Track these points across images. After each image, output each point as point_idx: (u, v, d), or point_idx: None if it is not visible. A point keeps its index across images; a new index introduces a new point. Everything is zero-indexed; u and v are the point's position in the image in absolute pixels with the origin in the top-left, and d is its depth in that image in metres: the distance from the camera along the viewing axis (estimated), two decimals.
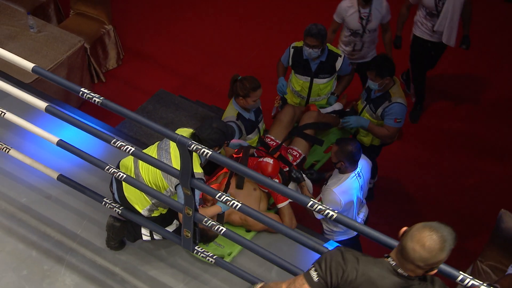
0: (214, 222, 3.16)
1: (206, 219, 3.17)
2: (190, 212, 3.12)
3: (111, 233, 3.64)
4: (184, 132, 3.45)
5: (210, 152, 2.80)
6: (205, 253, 3.34)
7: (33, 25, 5.57)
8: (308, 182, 3.99)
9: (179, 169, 2.99)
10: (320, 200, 3.72)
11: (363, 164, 3.75)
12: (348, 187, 3.62)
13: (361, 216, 3.94)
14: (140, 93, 6.11)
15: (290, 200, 3.78)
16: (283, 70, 4.72)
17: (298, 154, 4.23)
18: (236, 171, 2.80)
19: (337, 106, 4.69)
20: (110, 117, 4.84)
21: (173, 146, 3.35)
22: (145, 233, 3.62)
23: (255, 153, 4.19)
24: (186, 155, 2.88)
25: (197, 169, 3.24)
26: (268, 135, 4.37)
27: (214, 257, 3.31)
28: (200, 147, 2.81)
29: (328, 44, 4.57)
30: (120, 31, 6.71)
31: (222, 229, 3.12)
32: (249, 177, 2.79)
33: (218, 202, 3.48)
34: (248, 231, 3.82)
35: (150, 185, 3.34)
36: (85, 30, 6.14)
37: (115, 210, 3.53)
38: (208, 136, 3.32)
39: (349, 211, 3.71)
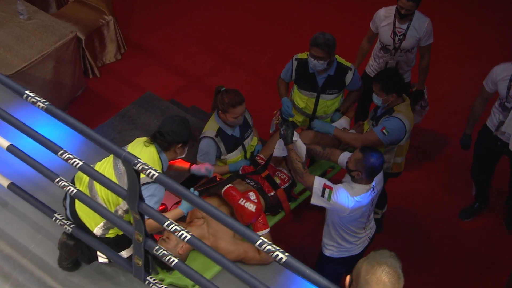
0: (166, 252, 3.06)
1: (157, 247, 3.07)
2: (141, 238, 3.01)
3: (64, 252, 3.54)
4: (141, 142, 3.38)
5: (157, 174, 2.70)
6: (157, 284, 3.23)
7: (23, 11, 5.55)
8: (299, 144, 3.92)
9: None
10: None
11: (378, 176, 3.72)
12: (364, 197, 3.61)
13: (367, 233, 3.95)
14: (136, 91, 6.01)
15: (268, 229, 3.76)
16: (285, 88, 4.60)
17: (286, 178, 4.12)
18: (191, 203, 2.69)
19: (343, 123, 4.52)
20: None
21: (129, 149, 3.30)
22: (101, 255, 3.53)
23: (240, 172, 4.11)
24: (132, 174, 2.78)
25: None
26: (260, 155, 4.29)
27: None
28: (146, 167, 2.71)
29: (337, 56, 4.42)
30: (123, 23, 6.72)
31: (173, 260, 3.01)
32: (209, 215, 2.69)
33: (181, 205, 3.45)
34: None
35: (103, 200, 3.25)
36: (82, 19, 6.11)
37: (66, 228, 3.45)
38: (170, 128, 3.29)
39: (354, 222, 3.72)
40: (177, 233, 2.81)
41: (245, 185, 4.01)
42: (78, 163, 2.99)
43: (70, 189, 3.19)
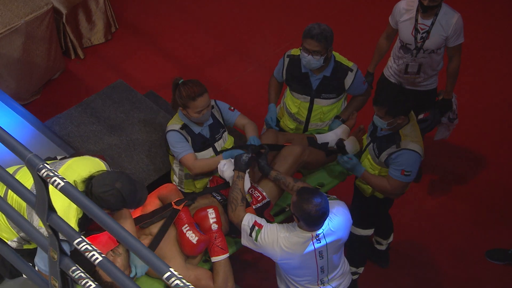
0: (82, 274, 2.92)
1: (73, 268, 2.93)
2: (55, 256, 2.88)
3: None
4: (87, 164, 3.30)
5: (63, 184, 2.55)
6: None
7: None
8: (247, 178, 3.89)
9: None
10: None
11: (336, 223, 3.57)
12: (296, 246, 3.52)
13: None
14: (122, 77, 5.92)
15: (227, 254, 3.68)
16: (276, 90, 4.53)
17: (260, 197, 3.94)
18: (105, 227, 2.55)
19: (340, 133, 4.36)
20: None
21: (66, 166, 3.27)
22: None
23: (208, 183, 4.08)
24: (38, 181, 2.65)
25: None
26: None
27: None
28: (52, 174, 2.57)
29: (336, 54, 4.27)
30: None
31: (90, 285, 2.87)
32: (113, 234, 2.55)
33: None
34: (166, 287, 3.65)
35: (13, 205, 3.15)
36: None
37: None
38: (101, 194, 3.17)
39: (296, 273, 3.63)
40: (87, 253, 2.66)
41: (210, 198, 3.91)
42: None
43: None
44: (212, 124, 4.09)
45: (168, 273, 2.34)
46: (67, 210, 3.15)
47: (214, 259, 3.65)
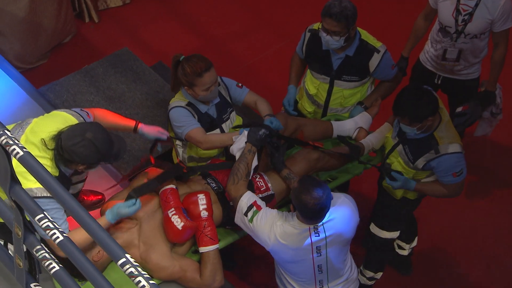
0: (46, 255, 2.93)
1: (38, 247, 2.95)
2: (20, 232, 2.90)
3: None
4: (55, 120, 3.31)
5: (22, 153, 2.57)
6: None
7: None
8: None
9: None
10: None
11: (340, 215, 3.54)
12: (290, 237, 3.50)
13: None
14: (137, 45, 5.92)
15: (217, 246, 3.64)
16: (297, 69, 4.49)
17: (264, 188, 3.90)
18: (59, 199, 2.55)
19: (360, 121, 4.29)
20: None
21: (32, 126, 3.31)
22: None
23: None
24: None
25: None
26: None
27: None
28: (11, 142, 2.59)
29: (363, 32, 4.17)
30: None
31: (53, 267, 2.88)
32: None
33: (108, 213, 3.42)
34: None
35: None
36: None
37: None
38: (72, 147, 3.20)
39: (291, 270, 3.64)
40: (48, 231, 2.68)
41: (203, 185, 3.85)
42: None
43: None
44: (219, 103, 4.05)
45: (123, 260, 2.36)
46: None
47: (202, 249, 3.61)
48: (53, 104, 4.43)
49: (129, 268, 2.34)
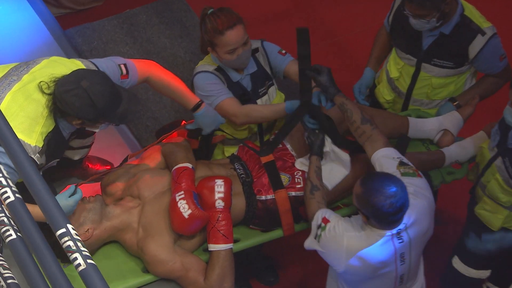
0: (5, 220, 2.89)
1: None
2: None
3: None
4: (67, 64, 3.38)
5: None
6: None
7: None
8: (333, 167, 3.87)
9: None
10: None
11: (419, 207, 3.44)
12: (369, 250, 3.44)
13: None
14: None
15: (231, 245, 3.64)
16: (382, 48, 4.40)
17: (302, 183, 3.90)
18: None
19: (445, 122, 4.17)
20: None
21: (40, 67, 3.38)
22: None
23: (237, 151, 4.02)
24: None
25: None
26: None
27: None
28: None
29: (465, 4, 3.99)
30: None
31: (9, 235, 2.78)
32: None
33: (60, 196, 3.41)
34: (146, 271, 3.69)
35: None
36: None
37: None
38: (63, 94, 3.22)
39: (363, 286, 3.59)
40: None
41: (228, 170, 3.85)
42: None
43: None
44: (255, 73, 3.99)
45: (63, 230, 2.34)
46: (36, 119, 3.27)
47: (211, 246, 3.58)
48: (79, 50, 4.45)
49: (67, 241, 2.33)
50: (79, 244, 2.30)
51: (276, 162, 3.91)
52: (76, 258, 2.28)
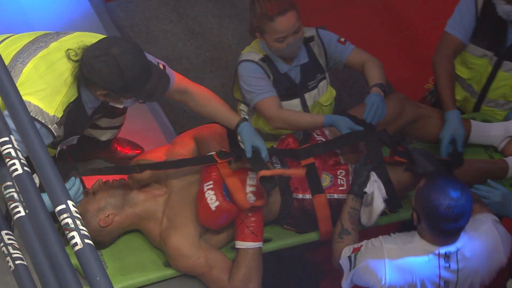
0: (15, 195, 2.77)
1: (9, 183, 2.81)
2: None
3: None
4: (96, 38, 3.37)
5: None
6: None
7: None
8: (376, 206, 3.78)
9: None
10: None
11: (478, 245, 3.42)
12: (410, 264, 3.39)
13: None
14: None
15: (260, 244, 3.64)
16: (450, 79, 4.22)
17: (345, 186, 3.86)
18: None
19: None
20: None
21: (70, 37, 3.42)
22: None
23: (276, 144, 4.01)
24: None
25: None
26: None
27: None
28: None
29: None
30: None
31: (18, 211, 2.73)
32: None
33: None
34: (168, 265, 3.67)
35: None
36: None
37: None
38: (90, 59, 3.22)
39: None
40: (8, 159, 2.65)
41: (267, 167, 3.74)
42: None
43: None
44: (306, 65, 3.97)
45: (62, 206, 2.40)
46: (58, 87, 3.29)
47: (238, 244, 3.58)
48: (119, 25, 4.57)
49: (66, 218, 2.38)
50: (78, 222, 2.37)
51: (316, 161, 3.90)
52: (73, 237, 2.33)
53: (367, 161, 3.76)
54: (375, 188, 3.74)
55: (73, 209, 2.41)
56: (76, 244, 2.31)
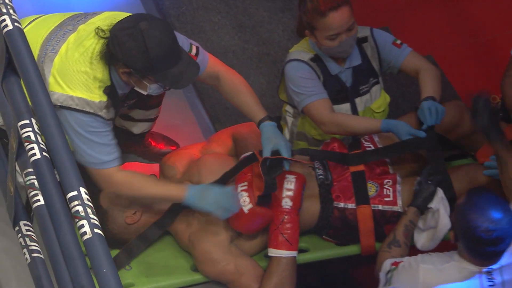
0: (35, 183, 2.83)
1: (30, 170, 2.89)
2: (14, 145, 2.95)
3: None
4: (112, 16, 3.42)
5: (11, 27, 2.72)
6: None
7: None
8: (442, 223, 3.75)
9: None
10: None
11: None
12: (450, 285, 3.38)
13: None
14: None
15: (294, 253, 3.65)
16: None
17: (390, 199, 3.87)
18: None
19: None
20: None
21: (100, 17, 3.47)
22: None
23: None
24: None
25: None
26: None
27: None
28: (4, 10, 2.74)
29: None
30: None
31: (37, 200, 2.88)
32: None
33: (190, 189, 3.55)
34: (195, 270, 3.73)
35: None
36: None
37: None
38: (117, 32, 3.24)
39: None
40: (27, 143, 2.79)
41: (307, 169, 3.82)
42: None
43: None
44: (359, 67, 3.96)
45: (74, 193, 2.49)
46: (91, 72, 3.37)
47: (271, 251, 3.58)
48: (164, 14, 4.56)
49: (77, 205, 2.46)
50: (89, 210, 2.46)
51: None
52: (82, 226, 2.42)
53: (430, 173, 3.77)
54: (441, 206, 3.73)
55: (85, 196, 2.47)
56: (85, 233, 2.39)
